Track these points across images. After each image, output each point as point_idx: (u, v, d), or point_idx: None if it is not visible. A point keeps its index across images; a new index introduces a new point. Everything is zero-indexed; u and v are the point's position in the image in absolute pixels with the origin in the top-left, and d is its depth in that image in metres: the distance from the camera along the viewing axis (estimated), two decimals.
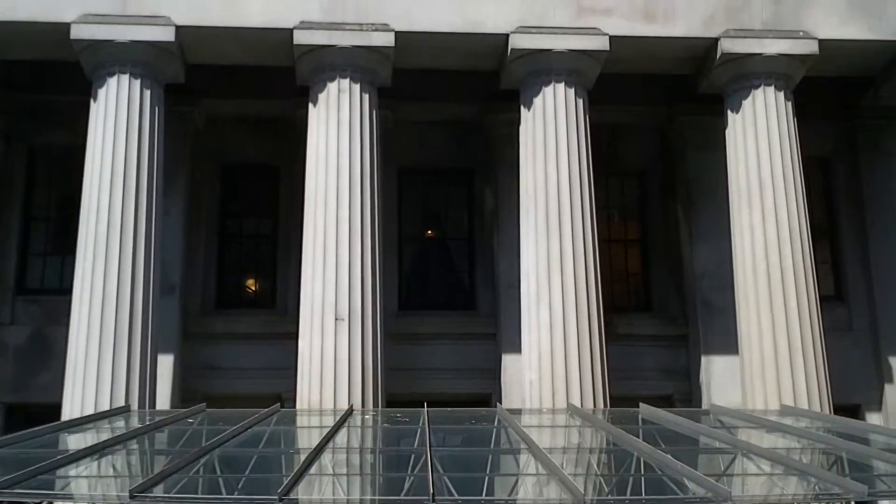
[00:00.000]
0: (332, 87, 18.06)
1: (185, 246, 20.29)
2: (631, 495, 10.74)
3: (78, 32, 17.57)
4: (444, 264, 21.77)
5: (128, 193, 17.22)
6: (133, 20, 17.69)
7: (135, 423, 14.67)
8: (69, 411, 16.36)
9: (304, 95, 18.65)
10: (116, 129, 17.43)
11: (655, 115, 21.30)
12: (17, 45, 18.13)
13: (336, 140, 17.76)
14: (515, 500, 11.36)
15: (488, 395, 20.03)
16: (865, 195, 21.15)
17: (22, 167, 20.87)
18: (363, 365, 16.82)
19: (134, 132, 17.49)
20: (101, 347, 16.54)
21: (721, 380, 19.84)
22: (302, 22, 17.96)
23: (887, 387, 20.49)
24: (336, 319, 16.95)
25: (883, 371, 20.54)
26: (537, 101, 18.33)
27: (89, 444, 12.46)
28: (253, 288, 21.57)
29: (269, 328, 20.19)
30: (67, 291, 17.47)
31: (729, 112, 18.82)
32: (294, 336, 17.45)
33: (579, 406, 16.31)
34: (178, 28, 17.77)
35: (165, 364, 18.72)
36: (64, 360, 16.94)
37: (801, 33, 18.46)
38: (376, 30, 18.04)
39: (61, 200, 20.82)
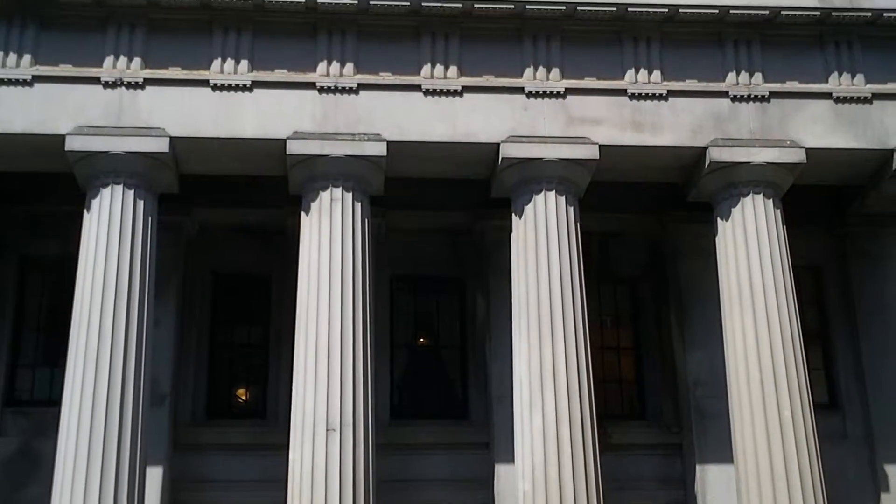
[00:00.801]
0: (325, 196, 18.18)
1: (176, 355, 20.18)
2: None
3: (72, 144, 17.73)
4: (436, 372, 21.65)
5: (119, 304, 17.18)
6: (128, 132, 17.87)
7: None
8: None
9: (296, 204, 18.78)
10: (109, 240, 17.47)
11: (646, 223, 21.43)
12: (12, 157, 18.29)
13: (328, 249, 17.81)
14: None
15: None
16: (856, 302, 21.19)
17: (13, 278, 20.82)
18: (354, 478, 16.61)
19: (127, 243, 17.52)
20: (90, 460, 16.33)
21: (717, 489, 19.63)
22: (295, 132, 18.16)
23: (884, 496, 20.25)
24: (328, 430, 16.81)
25: (879, 480, 20.31)
26: (528, 209, 18.46)
27: None
28: (244, 397, 21.42)
29: (260, 439, 19.98)
30: (57, 403, 17.31)
31: (719, 220, 18.95)
32: (286, 447, 17.26)
33: None
34: (173, 139, 17.95)
35: (155, 476, 18.49)
36: (52, 472, 16.71)
37: (789, 142, 18.71)
38: (369, 139, 18.24)
39: (52, 311, 20.76)
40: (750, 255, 18.39)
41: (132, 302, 17.29)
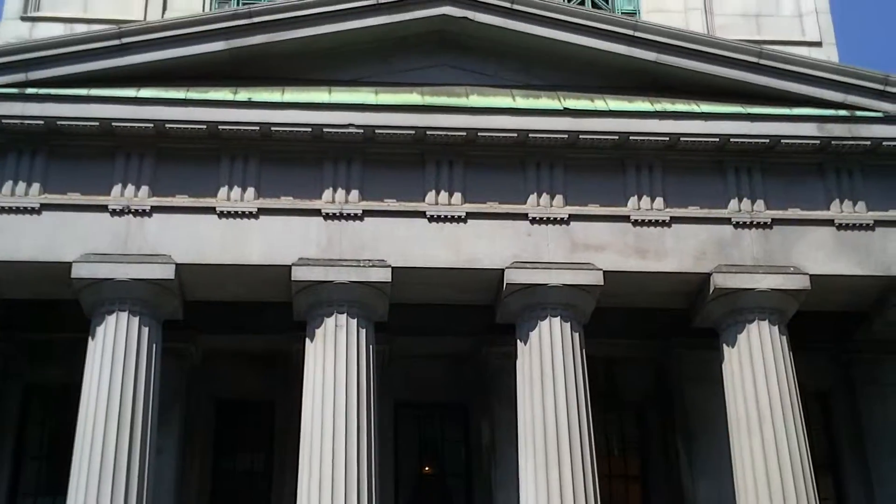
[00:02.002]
0: (329, 322, 18.16)
1: (179, 484, 19.93)
2: None
3: (78, 271, 17.80)
4: (441, 501, 21.33)
5: (122, 433, 17.03)
6: (134, 259, 17.96)
7: None
8: None
9: (301, 330, 18.75)
10: (113, 368, 17.41)
11: (652, 348, 21.35)
12: (18, 284, 18.38)
13: (333, 376, 17.72)
14: None
15: None
16: (866, 429, 20.97)
17: (16, 405, 20.70)
18: None
19: (131, 371, 17.46)
20: None
21: None
22: (300, 258, 18.24)
23: None
24: None
25: None
26: (533, 335, 18.41)
27: None
28: None
29: None
30: None
31: (724, 346, 18.88)
32: None
33: None
34: (179, 266, 18.03)
35: None
36: None
37: (792, 269, 18.74)
38: (373, 266, 18.31)
39: (55, 439, 20.58)
40: (757, 382, 18.27)
41: (135, 431, 17.14)
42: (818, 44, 22.10)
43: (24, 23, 21.13)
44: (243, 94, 18.78)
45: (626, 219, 18.95)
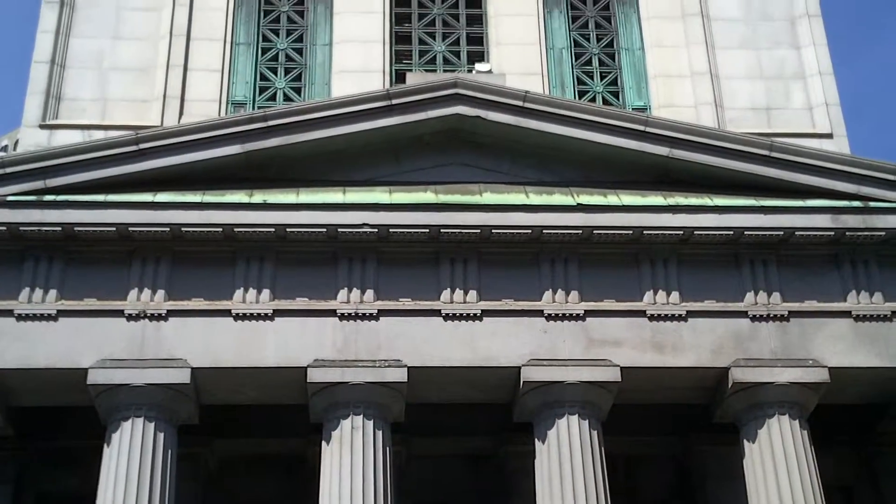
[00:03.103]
0: (346, 424, 18.05)
1: None
2: None
3: (95, 378, 17.81)
4: None
5: None
6: (149, 363, 17.96)
7: None
8: None
9: (317, 433, 18.63)
10: (129, 475, 17.29)
11: (672, 445, 21.08)
12: (33, 391, 18.39)
13: (349, 479, 17.55)
14: None
15: None
16: None
17: None
18: None
19: (146, 478, 17.33)
20: None
21: None
22: (316, 360, 18.22)
23: None
24: None
25: None
26: (551, 433, 18.24)
27: None
28: None
29: None
30: None
31: (745, 441, 18.65)
32: None
33: None
34: (194, 370, 18.03)
35: None
36: None
37: (811, 361, 18.59)
38: (389, 366, 18.26)
39: None
40: (779, 477, 18.00)
41: None
42: (829, 135, 22.20)
43: (42, 130, 21.44)
44: (259, 197, 18.95)
45: (642, 313, 18.89)
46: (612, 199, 19.37)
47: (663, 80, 23.01)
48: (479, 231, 18.96)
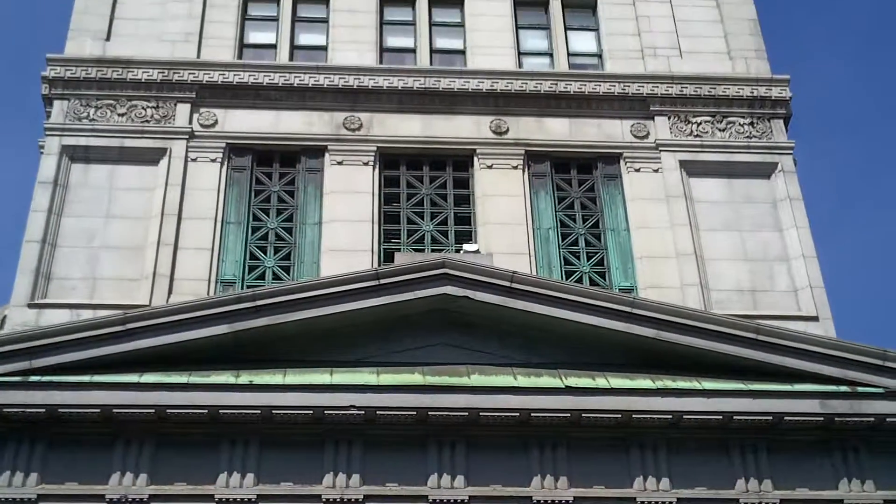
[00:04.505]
0: None
1: None
2: None
3: None
4: None
5: None
6: None
7: None
8: None
9: None
10: None
11: None
12: None
13: None
14: None
15: None
16: None
17: None
18: None
19: None
20: None
21: None
22: None
23: None
24: None
25: None
26: None
27: None
28: None
29: None
30: None
31: None
32: None
33: None
34: None
35: None
36: None
37: None
38: None
39: None
40: None
41: None
42: (815, 318, 22.31)
43: (31, 309, 21.42)
44: (245, 378, 18.85)
45: (632, 501, 18.65)
46: (601, 381, 19.33)
47: (649, 261, 23.24)
48: (466, 413, 18.84)
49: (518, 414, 18.93)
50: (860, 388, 19.27)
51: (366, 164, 24.19)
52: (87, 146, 23.76)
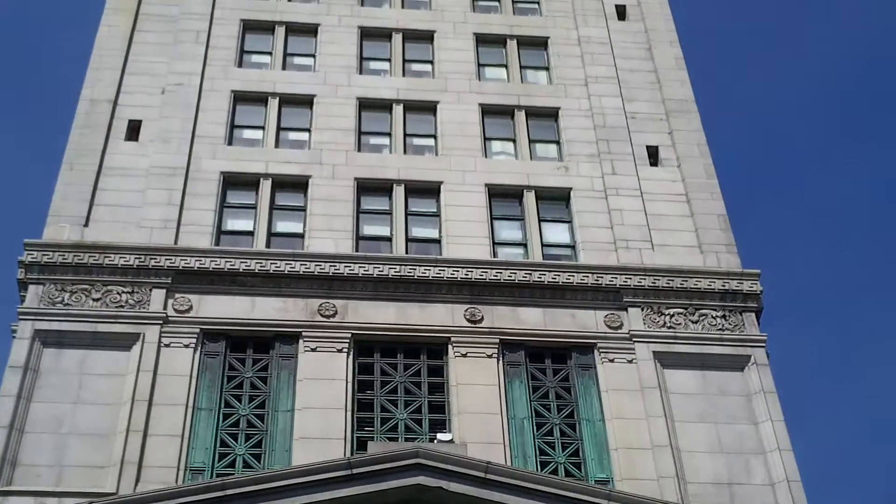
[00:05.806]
0: None
1: None
2: None
3: None
4: None
5: None
6: None
7: None
8: None
9: None
10: None
11: None
12: None
13: None
14: None
15: None
16: None
17: None
18: None
19: None
20: None
21: None
22: None
23: None
24: None
25: None
26: None
27: None
28: None
29: None
30: None
31: None
32: None
33: None
34: None
35: None
36: None
37: None
38: None
39: None
40: None
41: None
42: None
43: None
44: None
45: None
46: None
47: (625, 453, 23.05)
48: None
49: None
50: None
51: (340, 350, 24.16)
52: (60, 331, 23.68)
